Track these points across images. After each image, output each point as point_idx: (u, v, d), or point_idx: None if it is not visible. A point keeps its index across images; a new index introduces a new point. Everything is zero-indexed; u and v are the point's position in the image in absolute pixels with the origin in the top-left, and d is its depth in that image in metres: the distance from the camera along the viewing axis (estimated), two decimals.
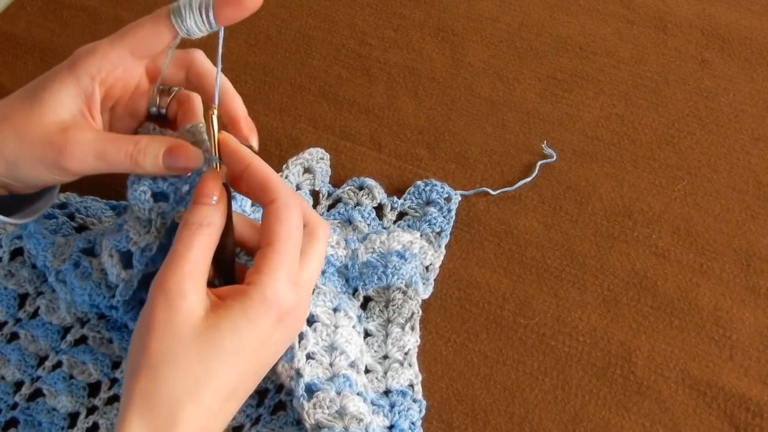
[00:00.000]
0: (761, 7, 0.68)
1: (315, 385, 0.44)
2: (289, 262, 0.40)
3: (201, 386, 0.37)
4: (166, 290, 0.38)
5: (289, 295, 0.39)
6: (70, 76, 0.43)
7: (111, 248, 0.46)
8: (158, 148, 0.43)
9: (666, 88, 0.63)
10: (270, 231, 0.40)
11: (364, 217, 0.55)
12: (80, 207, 0.55)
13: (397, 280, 0.50)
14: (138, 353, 0.38)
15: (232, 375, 0.38)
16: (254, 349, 0.39)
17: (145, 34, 0.43)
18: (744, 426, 0.47)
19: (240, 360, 0.38)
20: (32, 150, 0.43)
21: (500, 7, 0.70)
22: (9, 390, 0.50)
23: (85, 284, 0.48)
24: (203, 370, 0.37)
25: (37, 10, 0.72)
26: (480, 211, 0.57)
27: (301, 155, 0.58)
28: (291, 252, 0.40)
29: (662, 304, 0.52)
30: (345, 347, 0.46)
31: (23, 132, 0.43)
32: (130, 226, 0.45)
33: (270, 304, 0.39)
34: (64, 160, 0.43)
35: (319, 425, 0.43)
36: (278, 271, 0.39)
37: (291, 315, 0.40)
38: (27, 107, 0.43)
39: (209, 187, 0.41)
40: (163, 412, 0.37)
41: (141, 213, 0.44)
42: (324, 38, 0.68)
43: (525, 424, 0.48)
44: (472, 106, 0.63)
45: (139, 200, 0.44)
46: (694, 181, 0.58)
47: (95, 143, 0.43)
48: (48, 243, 0.51)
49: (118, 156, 0.43)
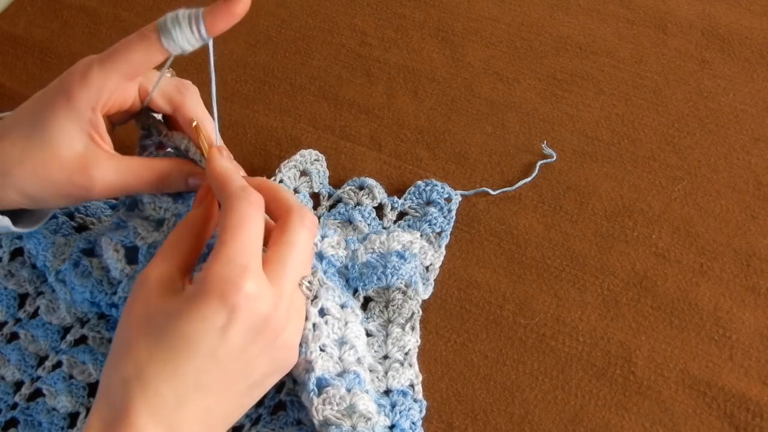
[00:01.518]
0: (761, 7, 0.68)
1: (326, 380, 0.43)
2: (235, 249, 0.38)
3: (148, 372, 0.37)
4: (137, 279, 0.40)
5: (237, 281, 0.37)
6: (71, 111, 0.43)
7: (116, 243, 0.46)
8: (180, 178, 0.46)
9: (666, 88, 0.63)
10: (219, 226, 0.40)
11: (364, 217, 0.55)
12: (80, 206, 0.55)
13: (397, 280, 0.50)
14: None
15: (181, 363, 0.37)
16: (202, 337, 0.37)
17: (137, 57, 0.42)
18: (744, 426, 0.47)
19: (187, 348, 0.37)
20: (57, 190, 0.44)
21: (500, 7, 0.70)
22: (9, 390, 0.50)
23: (85, 282, 0.48)
24: (149, 356, 0.37)
25: (37, 10, 0.72)
26: (480, 211, 0.57)
27: (293, 158, 0.57)
28: (238, 240, 0.38)
29: (662, 304, 0.52)
30: (355, 342, 0.46)
31: (44, 175, 0.43)
32: (138, 223, 0.46)
33: (209, 289, 0.37)
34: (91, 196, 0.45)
35: (327, 422, 0.43)
36: (220, 257, 0.38)
37: (248, 304, 0.37)
38: (38, 147, 0.43)
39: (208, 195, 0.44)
40: (116, 398, 0.37)
41: (156, 212, 0.45)
42: (324, 38, 0.68)
43: (525, 424, 0.48)
44: (472, 106, 0.63)
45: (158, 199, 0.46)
46: (694, 181, 0.58)
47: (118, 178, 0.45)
48: (48, 243, 0.51)
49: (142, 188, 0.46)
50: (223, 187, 0.41)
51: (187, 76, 0.50)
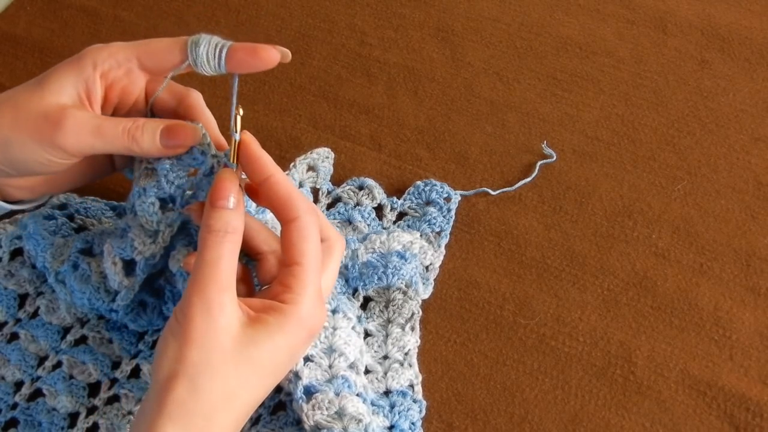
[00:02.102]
0: (761, 7, 0.68)
1: (314, 387, 0.44)
2: (316, 281, 0.40)
3: (234, 398, 0.38)
4: (207, 302, 0.38)
5: (319, 314, 0.41)
6: (75, 64, 0.44)
7: (115, 256, 0.46)
8: (156, 126, 0.43)
9: (666, 88, 0.63)
10: (296, 249, 0.40)
11: (364, 217, 0.55)
12: (80, 208, 0.55)
13: (397, 280, 0.50)
14: (172, 361, 0.38)
15: (263, 387, 0.40)
16: (285, 362, 0.40)
17: (159, 48, 0.44)
18: (744, 426, 0.47)
19: (271, 374, 0.40)
20: (27, 125, 0.43)
21: (500, 7, 0.70)
22: (9, 390, 0.50)
23: (84, 288, 0.48)
24: (239, 383, 0.38)
25: (37, 10, 0.72)
26: (480, 211, 0.57)
27: (309, 154, 0.57)
28: (317, 270, 0.41)
29: (662, 304, 0.52)
30: (344, 349, 0.46)
31: (21, 109, 0.43)
32: (135, 235, 0.45)
33: (304, 323, 0.40)
34: (59, 134, 0.42)
35: (319, 426, 0.43)
36: (309, 289, 0.40)
37: (317, 330, 0.41)
38: (29, 90, 0.44)
39: (227, 188, 0.41)
40: (198, 422, 0.37)
41: (149, 225, 0.44)
42: (324, 38, 0.68)
43: (525, 424, 0.48)
44: (472, 106, 0.63)
45: (147, 212, 0.44)
46: (694, 181, 0.58)
47: (92, 119, 0.43)
48: (47, 244, 0.51)
49: (116, 131, 0.43)
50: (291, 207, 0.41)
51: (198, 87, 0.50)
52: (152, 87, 0.46)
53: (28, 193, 0.49)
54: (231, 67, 0.43)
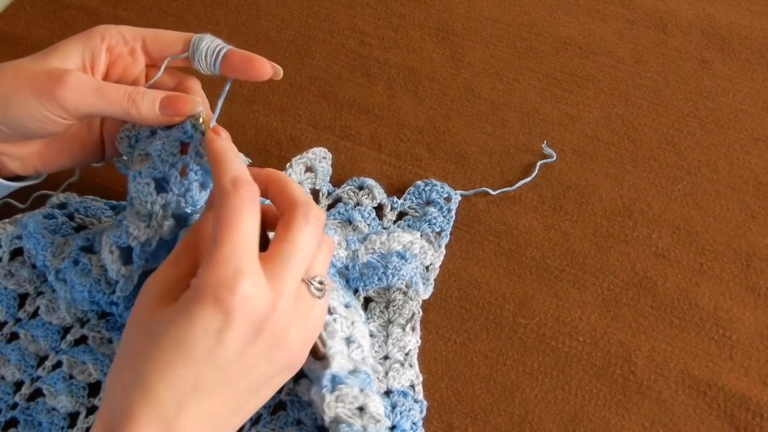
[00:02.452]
0: (761, 7, 0.68)
1: (339, 378, 0.43)
2: (228, 251, 0.37)
3: (148, 378, 0.37)
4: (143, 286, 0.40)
5: (230, 284, 0.37)
6: (84, 36, 0.46)
7: (111, 244, 0.46)
8: (157, 95, 0.45)
9: (666, 88, 0.63)
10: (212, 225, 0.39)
11: (364, 217, 0.55)
12: (79, 207, 0.55)
13: (398, 280, 0.50)
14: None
15: (180, 368, 0.37)
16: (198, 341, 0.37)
17: (164, 37, 0.47)
18: (744, 426, 0.47)
19: (184, 352, 0.37)
20: (28, 81, 0.43)
21: (500, 7, 0.70)
22: (9, 390, 0.50)
23: (84, 281, 0.48)
24: (150, 363, 0.37)
25: (37, 10, 0.72)
26: (480, 211, 0.57)
27: (305, 154, 0.57)
28: (231, 240, 0.38)
29: (662, 304, 0.52)
30: (362, 341, 0.46)
31: (24, 69, 0.44)
32: (129, 221, 0.45)
33: (203, 293, 0.37)
34: (59, 88, 0.43)
35: (338, 420, 0.42)
36: (213, 260, 0.37)
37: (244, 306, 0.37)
38: (35, 57, 0.45)
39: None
40: (116, 404, 0.37)
41: (143, 206, 0.44)
42: (324, 38, 0.68)
43: (525, 424, 0.48)
44: (472, 106, 0.63)
45: (142, 193, 0.44)
46: (694, 181, 0.58)
47: (94, 80, 0.45)
48: (47, 242, 0.51)
49: (117, 93, 0.44)
50: (215, 178, 0.40)
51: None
52: (151, 74, 0.48)
53: (19, 165, 0.49)
54: (225, 70, 0.45)
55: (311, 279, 0.41)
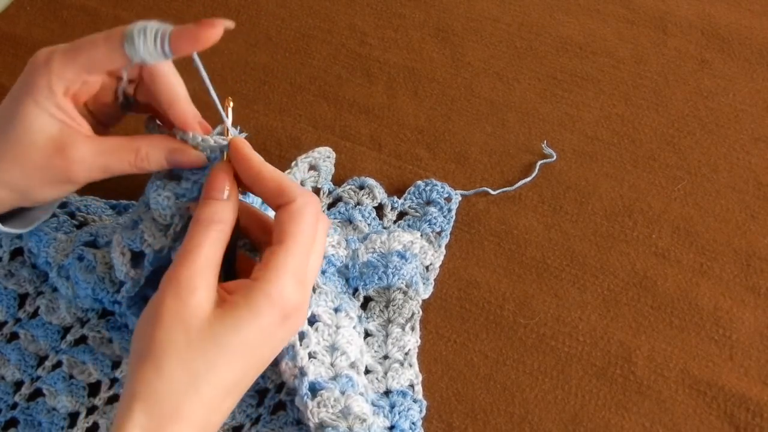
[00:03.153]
0: (761, 7, 0.68)
1: (319, 384, 0.44)
2: (297, 262, 0.40)
3: (202, 380, 0.37)
4: (177, 284, 0.39)
5: (294, 295, 0.39)
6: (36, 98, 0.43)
7: (124, 246, 0.46)
8: (159, 156, 0.44)
9: (666, 88, 0.63)
10: (282, 230, 0.40)
11: (364, 216, 0.55)
12: (80, 206, 0.55)
13: (398, 280, 0.50)
14: (144, 342, 0.38)
15: (233, 370, 0.38)
16: (256, 345, 0.39)
17: (99, 56, 0.42)
18: (744, 426, 0.47)
19: (242, 355, 0.39)
20: (40, 176, 0.44)
21: (500, 7, 0.70)
22: (9, 390, 0.50)
23: (89, 278, 0.48)
24: (205, 364, 0.38)
25: (37, 10, 0.72)
26: (480, 211, 0.57)
27: (311, 153, 0.57)
28: (301, 252, 0.40)
29: (662, 304, 0.52)
30: (346, 348, 0.46)
31: (24, 162, 0.43)
32: (146, 227, 0.45)
33: (274, 302, 0.39)
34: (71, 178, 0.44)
35: (323, 424, 0.43)
36: (285, 269, 0.39)
37: (295, 314, 0.40)
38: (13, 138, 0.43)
39: (220, 181, 0.42)
40: (165, 404, 0.37)
41: (162, 218, 0.44)
42: (324, 38, 0.68)
43: (525, 424, 0.48)
44: (472, 106, 0.63)
45: (161, 206, 0.44)
46: (694, 181, 0.58)
47: (96, 158, 0.44)
48: (50, 239, 0.51)
49: (122, 167, 0.44)
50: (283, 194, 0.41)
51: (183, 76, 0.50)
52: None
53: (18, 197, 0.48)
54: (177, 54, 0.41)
55: None
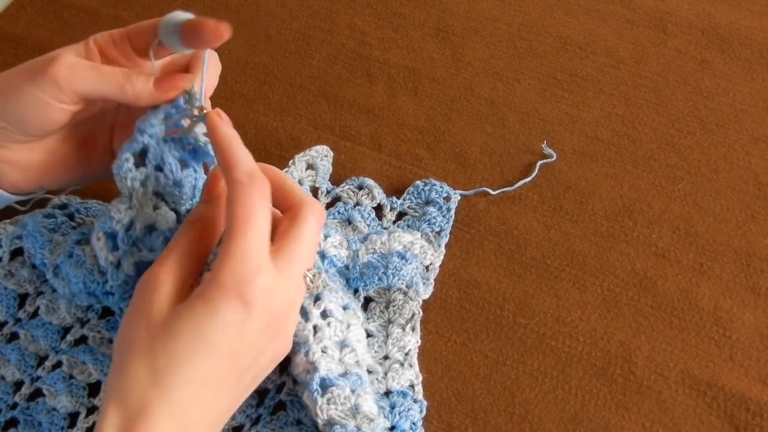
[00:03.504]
0: (761, 7, 0.68)
1: (329, 380, 0.43)
2: (246, 246, 0.38)
3: (166, 375, 0.37)
4: (145, 282, 0.40)
5: (251, 277, 0.38)
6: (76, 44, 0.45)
7: (98, 230, 0.45)
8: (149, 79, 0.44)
9: (666, 88, 0.63)
10: (227, 215, 0.39)
11: (363, 217, 0.55)
12: (80, 208, 0.55)
13: (398, 280, 0.50)
14: (116, 341, 0.39)
15: (200, 363, 0.37)
16: (219, 334, 0.37)
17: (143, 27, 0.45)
18: (744, 426, 0.47)
19: (206, 347, 0.37)
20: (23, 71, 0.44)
21: (500, 7, 0.70)
22: (9, 390, 0.50)
23: (78, 272, 0.47)
24: (166, 358, 0.37)
25: (37, 10, 0.72)
26: (480, 211, 0.57)
27: (308, 152, 0.57)
28: (249, 235, 0.38)
29: (662, 304, 0.52)
30: (355, 345, 0.46)
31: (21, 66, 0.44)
32: (112, 206, 0.45)
33: (225, 288, 0.37)
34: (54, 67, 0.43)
35: (332, 422, 0.42)
36: (232, 254, 0.38)
37: (262, 299, 0.38)
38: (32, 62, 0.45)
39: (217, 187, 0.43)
40: (132, 400, 0.37)
41: (122, 183, 0.44)
42: (324, 38, 0.68)
43: (525, 424, 0.48)
44: (472, 106, 0.63)
45: (121, 169, 0.43)
46: (694, 181, 0.58)
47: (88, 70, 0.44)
48: (46, 241, 0.51)
49: (112, 70, 0.44)
50: (226, 168, 0.40)
51: None
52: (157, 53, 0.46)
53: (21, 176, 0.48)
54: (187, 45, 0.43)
55: (306, 271, 0.43)
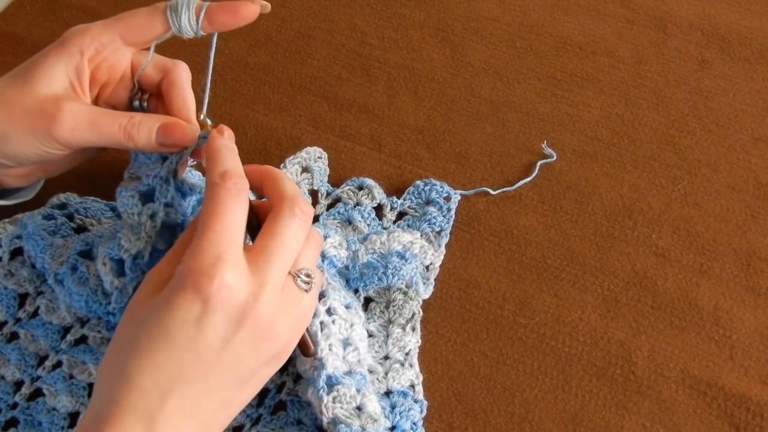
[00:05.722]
0: (761, 7, 0.68)
1: (335, 378, 0.43)
2: (209, 240, 0.38)
3: (129, 366, 0.37)
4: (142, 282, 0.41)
5: (210, 271, 0.37)
6: (61, 53, 0.44)
7: (104, 256, 0.46)
8: (152, 124, 0.44)
9: (666, 88, 0.63)
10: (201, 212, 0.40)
11: (363, 217, 0.55)
12: (80, 207, 0.55)
13: (398, 280, 0.50)
14: None
15: (166, 358, 0.37)
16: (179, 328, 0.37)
17: (139, 22, 0.44)
18: (744, 426, 0.47)
19: (166, 339, 0.37)
20: (23, 120, 0.43)
21: (500, 7, 0.70)
22: (9, 390, 0.50)
23: (82, 290, 0.48)
24: (130, 350, 0.37)
25: (37, 10, 0.72)
26: (480, 211, 0.57)
27: (299, 154, 0.58)
28: (213, 229, 0.38)
29: (662, 304, 0.52)
30: (359, 344, 0.46)
31: (14, 104, 0.43)
32: (122, 234, 0.45)
33: (183, 280, 0.37)
34: (55, 127, 0.43)
35: (337, 421, 0.42)
36: (194, 248, 0.38)
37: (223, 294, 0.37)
38: (19, 83, 0.44)
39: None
40: (102, 394, 0.38)
41: (131, 218, 0.45)
42: (324, 38, 0.68)
43: (525, 424, 0.48)
44: (472, 106, 0.63)
45: (128, 206, 0.45)
46: (694, 181, 0.58)
47: (88, 113, 0.44)
48: (46, 244, 0.51)
49: (112, 128, 0.44)
50: (208, 172, 0.41)
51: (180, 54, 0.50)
52: (138, 60, 0.47)
53: (24, 181, 0.50)
54: (212, 28, 0.44)
55: (298, 272, 0.41)
